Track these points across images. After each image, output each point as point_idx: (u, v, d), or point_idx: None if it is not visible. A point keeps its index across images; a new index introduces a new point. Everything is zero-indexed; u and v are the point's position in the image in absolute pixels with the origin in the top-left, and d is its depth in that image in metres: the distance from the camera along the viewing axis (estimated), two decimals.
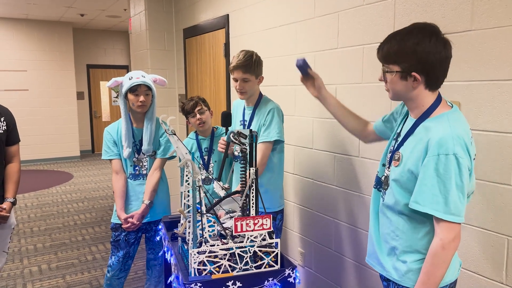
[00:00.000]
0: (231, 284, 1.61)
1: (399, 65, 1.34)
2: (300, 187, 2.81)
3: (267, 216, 1.70)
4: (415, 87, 1.35)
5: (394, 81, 1.38)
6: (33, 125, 9.13)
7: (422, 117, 1.39)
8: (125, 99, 2.56)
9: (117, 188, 2.59)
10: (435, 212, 1.28)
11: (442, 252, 1.29)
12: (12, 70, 8.88)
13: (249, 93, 2.34)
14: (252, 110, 2.38)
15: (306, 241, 2.81)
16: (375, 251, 1.54)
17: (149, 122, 2.58)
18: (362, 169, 2.30)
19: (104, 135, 2.65)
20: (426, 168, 1.29)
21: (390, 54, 1.36)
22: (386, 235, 1.48)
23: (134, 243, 2.65)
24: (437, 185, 1.27)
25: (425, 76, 1.33)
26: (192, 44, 4.33)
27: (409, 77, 1.34)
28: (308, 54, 2.63)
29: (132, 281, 3.51)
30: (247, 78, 2.28)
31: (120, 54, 10.87)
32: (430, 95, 1.38)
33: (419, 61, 1.31)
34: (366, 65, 2.22)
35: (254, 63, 2.27)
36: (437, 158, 1.27)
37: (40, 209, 5.71)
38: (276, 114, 2.30)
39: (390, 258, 1.47)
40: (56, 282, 3.53)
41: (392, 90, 1.41)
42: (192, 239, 1.74)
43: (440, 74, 1.35)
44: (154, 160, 2.64)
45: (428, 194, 1.29)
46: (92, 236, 4.66)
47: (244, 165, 1.81)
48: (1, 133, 2.40)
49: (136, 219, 2.54)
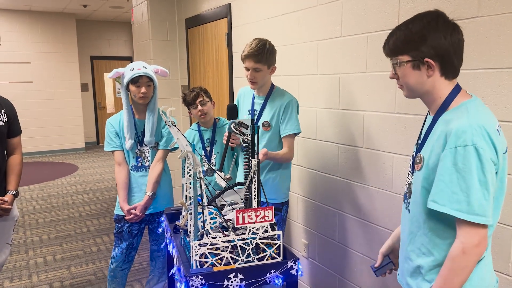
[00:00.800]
0: (233, 276, 1.60)
1: (409, 54, 1.23)
2: (304, 178, 2.78)
3: (269, 208, 1.68)
4: (430, 75, 1.23)
5: (407, 73, 1.26)
6: (38, 117, 9.15)
7: (440, 111, 1.26)
8: (126, 91, 2.54)
9: (119, 179, 2.58)
10: (456, 213, 1.14)
11: (462, 257, 1.14)
12: (16, 62, 8.88)
13: (260, 83, 2.30)
14: (264, 100, 2.35)
15: (310, 233, 2.79)
16: (403, 271, 1.39)
17: (151, 113, 2.56)
18: (367, 159, 2.27)
19: (106, 127, 2.64)
20: (444, 162, 1.16)
21: (397, 45, 1.26)
22: (411, 253, 1.33)
23: (138, 235, 2.65)
24: (457, 182, 1.13)
25: (439, 62, 1.21)
26: (194, 34, 4.28)
27: (422, 65, 1.22)
28: (311, 43, 2.58)
29: (136, 272, 3.52)
30: (259, 68, 2.23)
31: (123, 45, 10.83)
32: (447, 85, 1.25)
33: (430, 45, 1.20)
34: (370, 54, 2.18)
35: (266, 53, 2.22)
36: (455, 151, 1.13)
37: (45, 201, 5.74)
38: (296, 106, 2.32)
39: (414, 279, 1.32)
40: (61, 273, 3.55)
41: (406, 85, 1.29)
42: (193, 231, 1.72)
43: (455, 58, 1.22)
44: (157, 151, 2.63)
45: (447, 192, 1.15)
46: (97, 227, 4.68)
47: (247, 156, 1.79)
48: (2, 125, 2.39)
49: (139, 211, 2.54)
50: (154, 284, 2.84)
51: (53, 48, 9.27)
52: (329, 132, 2.52)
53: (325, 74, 2.50)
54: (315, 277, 2.79)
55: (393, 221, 2.14)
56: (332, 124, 2.49)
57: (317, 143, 2.63)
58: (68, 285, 3.33)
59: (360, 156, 2.31)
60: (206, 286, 1.57)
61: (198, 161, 1.76)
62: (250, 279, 1.62)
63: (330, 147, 2.52)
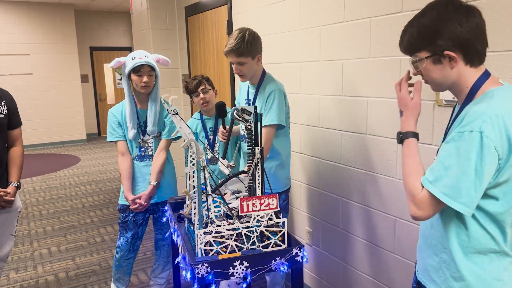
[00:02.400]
0: (238, 264, 1.60)
1: (427, 50, 1.18)
2: (307, 166, 2.77)
3: (273, 196, 1.67)
4: (453, 67, 1.17)
5: (429, 69, 1.21)
6: (38, 109, 9.13)
7: (467, 100, 1.20)
8: (128, 80, 2.52)
9: (123, 169, 2.58)
10: (443, 197, 1.12)
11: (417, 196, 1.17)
12: (15, 54, 8.83)
13: (249, 75, 2.26)
14: (255, 89, 2.33)
15: (313, 220, 2.79)
16: (426, 267, 1.32)
17: (153, 102, 2.54)
18: (370, 146, 2.26)
19: (109, 117, 2.62)
20: (449, 144, 1.13)
21: (412, 43, 1.21)
22: (434, 248, 1.28)
23: (142, 224, 2.66)
24: (455, 165, 1.11)
25: (460, 51, 1.15)
26: (194, 23, 4.24)
27: (443, 58, 1.17)
28: (313, 29, 2.55)
29: (141, 261, 3.53)
30: (242, 61, 2.19)
31: (123, 36, 10.76)
32: (473, 73, 1.19)
33: (446, 37, 1.14)
34: (373, 39, 2.15)
35: (246, 45, 2.14)
36: (461, 135, 1.10)
37: (48, 193, 5.75)
38: (277, 96, 2.19)
39: (439, 276, 1.27)
40: (66, 264, 3.57)
41: (431, 80, 1.24)
42: (197, 220, 1.72)
43: (478, 43, 1.16)
44: (160, 141, 2.62)
45: (442, 173, 1.13)
46: (100, 218, 4.69)
47: (250, 144, 1.78)
48: (3, 117, 2.38)
49: (144, 200, 2.54)
50: (159, 273, 2.85)
51: (52, 40, 9.21)
52: (332, 119, 2.50)
53: (328, 61, 2.47)
54: (319, 264, 2.79)
55: (397, 207, 2.13)
56: (335, 111, 2.47)
57: (320, 130, 2.61)
58: (73, 275, 3.34)
59: (364, 143, 2.30)
60: (211, 273, 1.57)
61: (201, 149, 1.75)
62: (255, 267, 1.62)
63: (333, 134, 2.51)
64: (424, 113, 1.92)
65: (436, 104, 1.86)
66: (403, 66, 2.00)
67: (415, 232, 2.04)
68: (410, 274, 2.10)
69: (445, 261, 1.24)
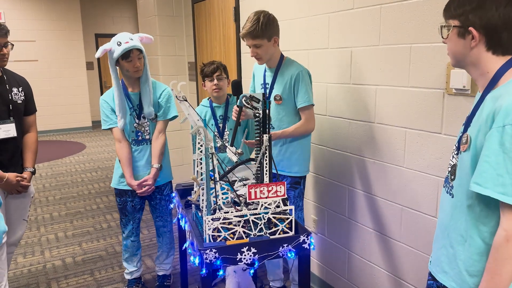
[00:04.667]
0: (246, 250, 1.61)
1: (458, 19, 1.16)
2: (314, 154, 2.77)
3: (281, 183, 1.67)
4: (473, 46, 1.15)
5: (452, 40, 1.19)
6: (44, 96, 9.15)
7: (488, 87, 1.16)
8: (115, 66, 2.44)
9: (122, 156, 2.56)
10: (500, 196, 1.05)
11: (507, 245, 1.06)
12: (21, 41, 8.82)
13: (265, 57, 2.28)
14: (274, 73, 2.32)
15: (319, 208, 2.79)
16: (440, 258, 1.30)
17: (145, 84, 2.51)
18: (379, 135, 2.25)
19: (101, 104, 2.58)
20: (490, 142, 1.07)
21: (450, 9, 1.19)
22: (452, 240, 1.24)
23: (140, 209, 2.72)
24: (503, 163, 1.05)
25: (484, 34, 1.13)
26: (200, 9, 4.21)
27: (467, 34, 1.15)
28: (322, 15, 2.52)
29: (147, 248, 3.57)
30: (258, 43, 2.21)
31: (128, 22, 10.71)
32: (496, 60, 1.15)
33: (478, 14, 1.11)
34: (383, 27, 2.13)
35: (262, 26, 2.17)
36: (503, 130, 1.04)
37: (54, 179, 5.79)
38: (306, 76, 2.29)
39: (452, 268, 1.24)
40: (72, 249, 3.60)
41: (451, 51, 1.22)
42: (205, 206, 1.73)
43: (505, 32, 1.12)
44: (156, 124, 2.61)
45: (492, 174, 1.06)
46: (107, 204, 4.72)
47: (259, 132, 1.77)
48: (20, 103, 2.40)
49: (151, 182, 2.56)
50: (164, 259, 2.88)
51: (57, 26, 9.19)
52: (340, 108, 2.49)
53: (337, 48, 2.45)
54: (324, 251, 2.81)
55: (404, 196, 2.13)
56: (343, 99, 2.46)
57: (327, 119, 2.60)
58: (80, 261, 3.38)
59: (372, 132, 2.29)
60: (219, 259, 1.58)
61: (210, 136, 1.75)
62: (263, 253, 1.63)
63: (341, 122, 2.49)
64: (433, 102, 1.91)
65: (445, 93, 1.85)
66: (413, 54, 1.98)
67: (422, 221, 2.04)
68: (416, 262, 2.10)
69: (461, 254, 1.21)
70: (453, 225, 1.24)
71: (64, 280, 3.09)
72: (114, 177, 2.68)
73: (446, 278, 1.26)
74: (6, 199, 2.39)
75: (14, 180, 2.32)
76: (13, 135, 2.33)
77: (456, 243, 1.22)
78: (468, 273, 1.19)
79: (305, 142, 2.43)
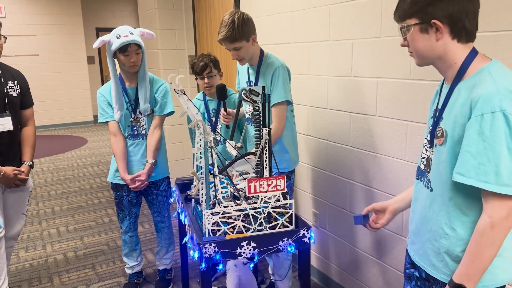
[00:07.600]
0: (245, 244, 1.60)
1: (416, 16, 1.17)
2: (314, 148, 2.75)
3: (281, 177, 1.66)
4: (438, 38, 1.15)
5: (415, 38, 1.19)
6: (45, 91, 9.15)
7: (457, 78, 1.18)
8: (113, 59, 2.42)
9: (117, 150, 2.55)
10: (484, 185, 1.07)
11: (491, 232, 1.08)
12: (21, 35, 8.80)
13: (247, 58, 2.23)
14: (255, 70, 2.30)
15: (319, 202, 2.78)
16: (426, 253, 1.30)
17: (142, 80, 2.49)
18: (380, 128, 2.23)
19: (98, 98, 2.56)
20: (470, 132, 1.08)
21: (404, 8, 1.19)
22: (434, 233, 1.26)
23: (136, 204, 2.71)
24: (484, 152, 1.06)
25: (448, 23, 1.13)
26: (201, 2, 4.18)
27: (430, 28, 1.15)
28: (322, 7, 2.50)
29: (148, 242, 3.57)
30: (237, 46, 2.15)
31: (129, 16, 10.67)
32: (461, 48, 1.17)
33: (437, 5, 1.12)
34: (385, 18, 2.10)
35: (238, 29, 2.09)
36: (481, 119, 1.06)
37: (56, 173, 5.80)
38: (281, 72, 2.20)
39: (440, 260, 1.25)
40: (74, 243, 3.61)
41: (415, 50, 1.22)
42: (205, 200, 1.72)
43: (467, 20, 1.13)
44: (152, 119, 2.59)
45: (474, 163, 1.08)
46: (108, 199, 4.73)
47: (258, 125, 1.76)
48: (16, 96, 2.39)
49: (144, 177, 2.54)
50: (164, 254, 2.88)
51: (58, 20, 9.16)
52: (341, 101, 2.47)
53: (337, 40, 2.43)
54: (325, 245, 2.80)
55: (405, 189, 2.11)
56: (344, 93, 2.44)
57: (328, 112, 2.58)
58: (82, 255, 3.39)
59: (373, 125, 2.27)
60: (219, 253, 1.57)
61: (209, 130, 1.74)
62: (262, 247, 1.63)
63: (342, 116, 2.47)
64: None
65: None
66: None
67: None
68: None
69: (445, 247, 1.23)
70: (434, 218, 1.25)
71: (65, 274, 3.10)
72: (110, 171, 2.67)
73: (437, 271, 1.27)
74: (4, 193, 2.39)
75: (12, 174, 2.31)
76: (9, 129, 2.32)
77: (439, 236, 1.24)
78: (456, 263, 1.20)
79: (288, 139, 2.33)
